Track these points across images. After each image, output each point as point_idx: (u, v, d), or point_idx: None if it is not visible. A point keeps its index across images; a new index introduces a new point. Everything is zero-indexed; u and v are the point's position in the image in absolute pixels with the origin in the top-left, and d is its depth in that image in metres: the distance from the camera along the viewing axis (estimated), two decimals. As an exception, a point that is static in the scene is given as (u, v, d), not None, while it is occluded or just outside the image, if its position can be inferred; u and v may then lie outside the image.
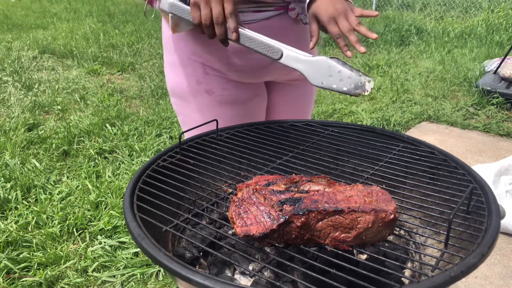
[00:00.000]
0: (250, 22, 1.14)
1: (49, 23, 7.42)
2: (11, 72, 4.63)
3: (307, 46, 1.28)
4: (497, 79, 3.72)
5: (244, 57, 1.17)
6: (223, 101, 1.24)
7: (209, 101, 1.24)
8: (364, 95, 0.86)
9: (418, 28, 6.04)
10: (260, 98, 1.32)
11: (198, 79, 1.22)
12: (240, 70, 1.20)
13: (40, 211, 2.19)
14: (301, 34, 1.24)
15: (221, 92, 1.23)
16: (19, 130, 3.17)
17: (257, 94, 1.30)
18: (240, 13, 1.12)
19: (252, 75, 1.23)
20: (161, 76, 4.56)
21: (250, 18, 1.14)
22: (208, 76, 1.22)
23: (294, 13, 1.19)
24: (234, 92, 1.24)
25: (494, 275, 1.82)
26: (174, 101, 1.32)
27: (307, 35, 1.26)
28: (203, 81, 1.22)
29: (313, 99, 1.47)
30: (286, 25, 1.19)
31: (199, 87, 1.23)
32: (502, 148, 2.94)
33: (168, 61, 1.28)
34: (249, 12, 1.13)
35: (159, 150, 2.88)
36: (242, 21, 1.13)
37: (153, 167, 0.94)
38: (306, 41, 1.26)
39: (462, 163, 0.93)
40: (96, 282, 1.79)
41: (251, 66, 1.20)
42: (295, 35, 1.22)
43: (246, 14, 1.13)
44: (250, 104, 1.29)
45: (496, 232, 0.69)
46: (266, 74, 1.25)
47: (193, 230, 0.77)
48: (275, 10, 1.16)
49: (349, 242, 0.68)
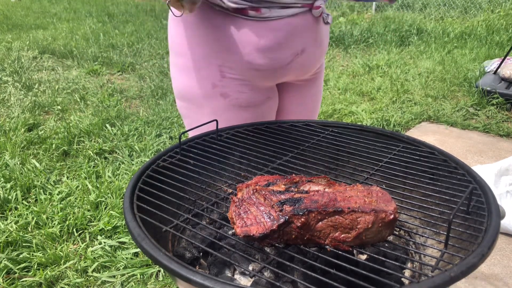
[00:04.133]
0: (276, 19, 1.12)
1: (49, 23, 7.42)
2: (11, 72, 4.64)
3: (323, 47, 1.28)
4: (497, 80, 3.72)
5: (267, 56, 1.15)
6: (238, 105, 1.22)
7: (223, 105, 1.21)
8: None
9: (418, 28, 6.04)
10: (272, 101, 1.30)
11: (213, 83, 1.19)
12: (260, 70, 1.17)
13: (40, 211, 2.19)
14: (319, 34, 1.23)
15: (237, 95, 1.20)
16: (19, 130, 3.17)
17: (269, 97, 1.28)
18: (267, 9, 1.10)
19: (271, 76, 1.21)
20: (161, 76, 4.56)
21: (276, 14, 1.11)
22: (224, 80, 1.18)
23: (318, 12, 1.17)
24: (249, 95, 1.21)
25: (494, 275, 1.82)
26: (183, 104, 1.27)
27: (325, 36, 1.26)
28: (219, 84, 1.19)
29: (320, 99, 1.47)
30: (308, 24, 1.17)
31: (214, 91, 1.19)
32: (502, 149, 2.94)
33: (178, 63, 1.23)
34: (276, 8, 1.11)
35: (159, 150, 2.88)
36: (269, 18, 1.12)
37: (153, 167, 0.94)
38: (322, 41, 1.25)
39: (462, 164, 0.93)
40: (96, 283, 1.79)
41: (272, 66, 1.17)
42: (314, 34, 1.21)
43: (272, 10, 1.11)
44: (262, 107, 1.27)
45: (496, 232, 0.69)
46: (284, 74, 1.22)
47: (193, 230, 0.77)
48: (301, 7, 1.14)
49: (349, 242, 0.68)
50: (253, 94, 1.22)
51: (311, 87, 1.38)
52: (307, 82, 1.35)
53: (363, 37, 5.89)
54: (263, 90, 1.24)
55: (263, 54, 1.14)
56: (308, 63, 1.24)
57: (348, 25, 6.34)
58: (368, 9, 7.54)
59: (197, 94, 1.21)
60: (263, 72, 1.18)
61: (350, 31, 6.01)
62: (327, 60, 5.11)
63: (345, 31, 6.01)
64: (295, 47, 1.17)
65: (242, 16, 1.11)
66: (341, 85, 4.18)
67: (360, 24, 6.39)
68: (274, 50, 1.14)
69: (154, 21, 7.52)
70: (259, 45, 1.13)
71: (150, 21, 7.49)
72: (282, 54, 1.16)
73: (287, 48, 1.16)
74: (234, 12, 1.11)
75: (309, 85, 1.37)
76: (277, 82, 1.27)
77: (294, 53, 1.17)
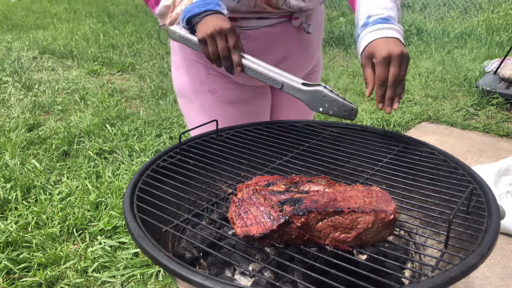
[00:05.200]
0: (252, 28, 1.15)
1: (49, 24, 7.42)
2: (11, 73, 4.63)
3: (309, 54, 1.29)
4: (497, 80, 3.72)
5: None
6: (226, 101, 1.25)
7: (212, 101, 1.25)
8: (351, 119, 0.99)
9: (418, 28, 6.03)
10: (264, 97, 1.32)
11: (201, 79, 1.24)
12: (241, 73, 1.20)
13: (40, 212, 2.18)
14: (303, 42, 1.24)
15: (224, 92, 1.24)
16: (19, 131, 3.17)
17: (261, 93, 1.30)
18: (244, 20, 1.13)
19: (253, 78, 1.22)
20: (161, 76, 4.56)
21: (253, 25, 1.14)
22: (210, 76, 1.23)
23: (297, 22, 1.19)
24: (237, 92, 1.25)
25: (494, 276, 1.82)
26: (181, 101, 1.34)
27: (310, 44, 1.27)
28: (206, 81, 1.23)
29: None
30: (288, 33, 1.20)
31: (202, 87, 1.24)
32: (502, 149, 2.94)
33: (174, 61, 1.30)
34: (253, 19, 1.14)
35: (159, 150, 2.88)
36: (246, 27, 1.14)
37: (153, 167, 0.94)
38: (308, 49, 1.27)
39: (462, 164, 0.93)
40: (96, 283, 1.79)
41: None
42: (297, 43, 1.23)
43: (249, 20, 1.14)
44: (254, 103, 1.29)
45: (496, 232, 0.69)
46: None
47: (193, 230, 0.77)
48: (278, 18, 1.17)
49: (349, 242, 0.68)
50: (240, 91, 1.25)
51: None
52: None
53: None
54: (252, 87, 1.27)
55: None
56: (291, 70, 1.20)
57: (348, 25, 6.34)
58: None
59: (189, 90, 1.27)
60: (245, 75, 1.20)
61: (350, 31, 6.00)
62: (327, 60, 5.11)
63: (345, 31, 6.01)
64: (276, 55, 1.20)
65: None
66: (341, 85, 4.18)
67: (360, 24, 6.37)
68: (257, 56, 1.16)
69: (154, 21, 7.51)
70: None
71: (150, 21, 7.49)
72: (262, 60, 1.16)
73: (267, 55, 1.17)
74: None
75: None
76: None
77: (275, 60, 1.19)
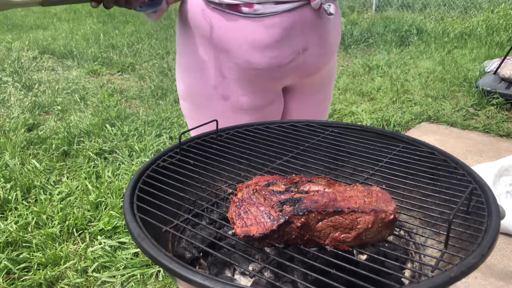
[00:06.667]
0: (270, 15, 1.08)
1: (49, 24, 7.42)
2: (11, 73, 4.63)
3: (328, 45, 1.19)
4: (497, 80, 3.72)
5: (266, 55, 1.12)
6: (239, 107, 1.20)
7: (224, 107, 1.20)
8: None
9: (418, 28, 6.04)
10: (276, 105, 1.27)
11: (215, 84, 1.18)
12: (258, 69, 1.14)
13: (40, 212, 2.19)
14: (323, 31, 1.16)
15: (238, 98, 1.19)
16: (19, 131, 3.17)
17: (273, 101, 1.24)
18: (261, 5, 1.07)
19: (271, 76, 1.17)
20: (161, 76, 4.56)
21: (270, 10, 1.07)
22: (225, 81, 1.17)
23: (316, 4, 1.09)
24: (250, 98, 1.19)
25: (494, 276, 1.82)
26: (186, 105, 1.27)
27: (333, 28, 1.19)
28: (220, 86, 1.18)
29: (327, 107, 1.41)
30: (308, 20, 1.12)
31: (215, 92, 1.19)
32: (502, 149, 2.94)
33: (182, 64, 1.23)
34: (270, 3, 1.07)
35: (159, 150, 2.88)
36: (262, 14, 1.07)
37: (153, 167, 0.94)
38: (327, 39, 1.19)
39: (462, 164, 0.93)
40: (96, 283, 1.79)
41: (271, 65, 1.13)
42: (318, 32, 1.15)
43: (266, 5, 1.07)
44: (265, 111, 1.24)
45: (496, 232, 0.69)
46: (285, 75, 1.18)
47: (193, 230, 0.77)
48: (298, 1, 1.08)
49: (349, 242, 0.68)
50: (254, 97, 1.20)
51: (318, 93, 1.33)
52: (313, 88, 1.30)
53: (363, 37, 5.88)
54: (266, 94, 1.22)
55: (260, 52, 1.11)
56: (311, 62, 1.19)
57: (348, 25, 6.34)
58: (368, 9, 7.54)
59: (199, 95, 1.21)
60: (262, 72, 1.15)
61: (350, 31, 6.01)
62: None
63: (345, 31, 6.01)
64: (296, 45, 1.13)
65: (237, 13, 1.09)
66: (341, 85, 4.18)
67: (360, 24, 6.39)
68: (272, 48, 1.11)
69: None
70: (255, 44, 1.10)
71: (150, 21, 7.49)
72: (281, 52, 1.12)
73: (287, 46, 1.12)
74: (229, 9, 1.09)
75: (315, 91, 1.32)
76: (280, 84, 1.23)
77: (295, 51, 1.13)
